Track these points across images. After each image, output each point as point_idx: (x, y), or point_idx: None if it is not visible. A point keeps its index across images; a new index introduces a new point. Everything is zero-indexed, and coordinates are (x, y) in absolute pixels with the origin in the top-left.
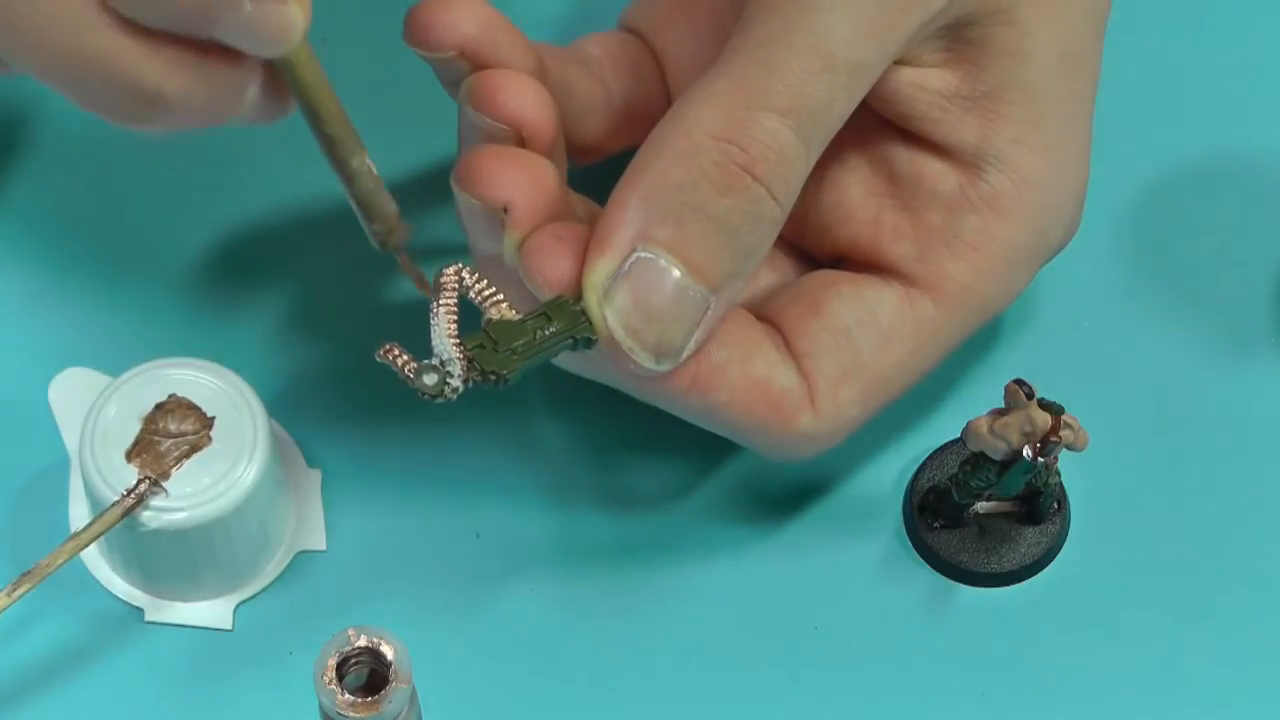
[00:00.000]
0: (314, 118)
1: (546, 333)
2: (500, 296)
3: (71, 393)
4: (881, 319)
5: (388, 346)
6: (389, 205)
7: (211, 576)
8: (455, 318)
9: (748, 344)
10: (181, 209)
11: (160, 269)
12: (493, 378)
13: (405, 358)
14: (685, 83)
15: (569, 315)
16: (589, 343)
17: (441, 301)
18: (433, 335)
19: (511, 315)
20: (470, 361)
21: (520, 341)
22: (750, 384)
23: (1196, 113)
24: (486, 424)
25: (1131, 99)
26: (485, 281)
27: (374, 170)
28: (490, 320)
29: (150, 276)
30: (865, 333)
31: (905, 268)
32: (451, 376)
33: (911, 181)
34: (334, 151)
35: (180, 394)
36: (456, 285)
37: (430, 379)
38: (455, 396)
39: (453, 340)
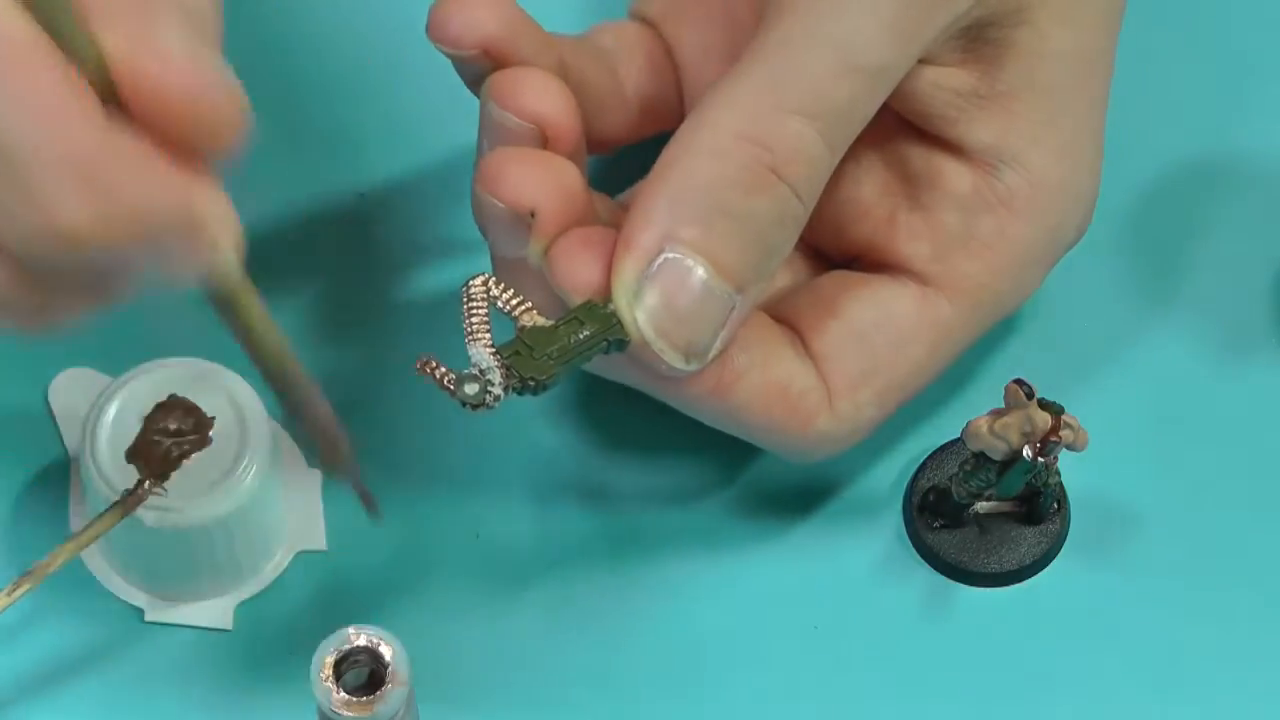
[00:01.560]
0: (256, 357)
1: (580, 337)
2: (529, 304)
3: (71, 393)
4: (898, 320)
5: (425, 359)
6: (340, 436)
7: (212, 576)
8: (488, 327)
9: (767, 346)
10: None
11: None
12: (532, 384)
13: (443, 369)
14: (697, 72)
15: (600, 318)
16: (621, 345)
17: (473, 311)
18: (468, 346)
19: (543, 321)
20: (508, 369)
21: (555, 347)
22: (770, 386)
23: (1196, 113)
24: (487, 425)
25: (1131, 99)
26: (512, 291)
27: (324, 401)
28: (524, 327)
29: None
30: (882, 334)
31: (920, 267)
32: (493, 385)
33: (927, 181)
34: (279, 388)
35: (180, 394)
36: (485, 295)
37: (472, 389)
38: (497, 405)
39: (489, 349)
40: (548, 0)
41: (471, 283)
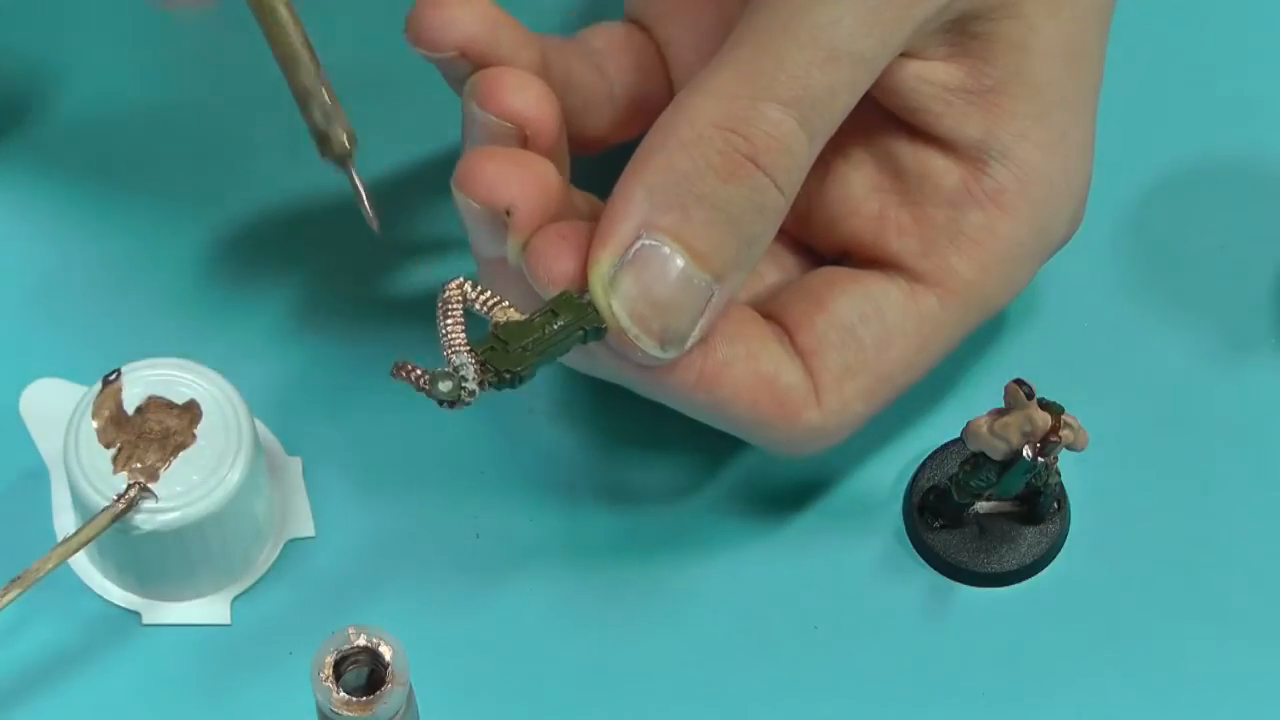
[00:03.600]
0: (275, 47)
1: (555, 327)
2: (504, 301)
3: (43, 404)
4: (886, 315)
5: (400, 364)
6: (343, 125)
7: (207, 573)
8: (463, 328)
9: (753, 340)
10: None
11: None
12: (508, 376)
13: (419, 371)
14: (688, 73)
15: (575, 308)
16: (599, 333)
17: (448, 314)
18: (443, 348)
19: (517, 316)
20: (484, 365)
21: (530, 339)
22: (756, 380)
23: (1196, 113)
24: (487, 425)
25: (1132, 99)
26: (490, 293)
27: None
28: (498, 323)
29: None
30: (870, 329)
31: (909, 263)
32: (467, 381)
33: (915, 177)
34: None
35: (159, 394)
36: (460, 299)
37: (446, 386)
38: (473, 400)
39: (464, 348)
40: (544, 4)
41: (447, 285)
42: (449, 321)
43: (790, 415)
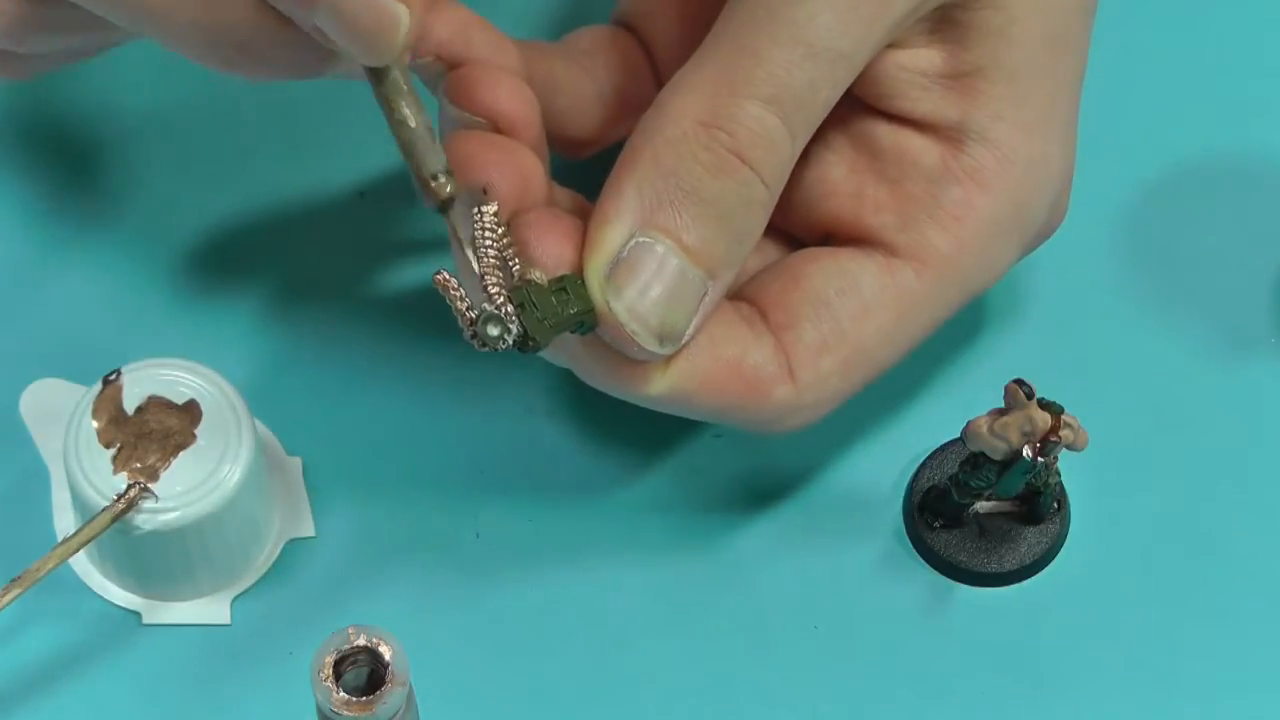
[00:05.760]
0: (394, 127)
1: (570, 311)
2: (512, 250)
3: (43, 404)
4: (863, 288)
5: (445, 279)
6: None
7: (207, 573)
8: (499, 264)
9: (713, 327)
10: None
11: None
12: (531, 344)
13: (467, 302)
14: (675, 70)
15: (583, 297)
16: (593, 326)
17: (486, 237)
18: (485, 279)
19: (538, 277)
20: (518, 319)
21: (550, 311)
22: (720, 365)
23: (1196, 113)
24: (486, 424)
25: (1132, 98)
26: (506, 231)
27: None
28: (530, 280)
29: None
30: (846, 302)
31: (887, 237)
32: (508, 333)
33: (894, 155)
34: (410, 161)
35: (159, 394)
36: (493, 229)
37: (495, 330)
38: (498, 350)
39: (502, 290)
40: (532, 9)
41: (483, 210)
42: (488, 244)
43: (760, 394)
